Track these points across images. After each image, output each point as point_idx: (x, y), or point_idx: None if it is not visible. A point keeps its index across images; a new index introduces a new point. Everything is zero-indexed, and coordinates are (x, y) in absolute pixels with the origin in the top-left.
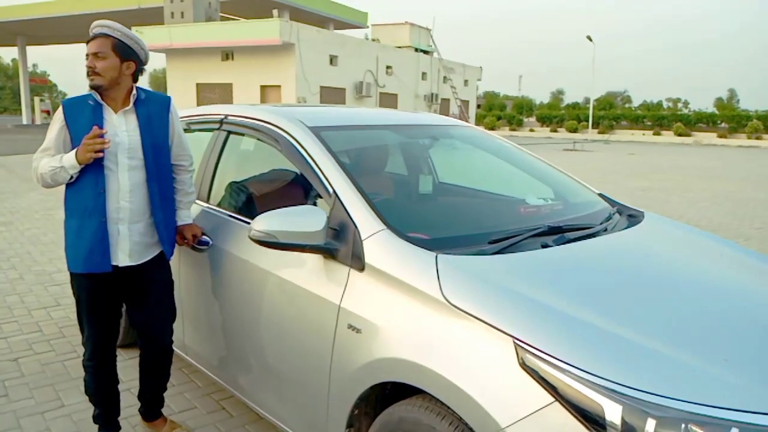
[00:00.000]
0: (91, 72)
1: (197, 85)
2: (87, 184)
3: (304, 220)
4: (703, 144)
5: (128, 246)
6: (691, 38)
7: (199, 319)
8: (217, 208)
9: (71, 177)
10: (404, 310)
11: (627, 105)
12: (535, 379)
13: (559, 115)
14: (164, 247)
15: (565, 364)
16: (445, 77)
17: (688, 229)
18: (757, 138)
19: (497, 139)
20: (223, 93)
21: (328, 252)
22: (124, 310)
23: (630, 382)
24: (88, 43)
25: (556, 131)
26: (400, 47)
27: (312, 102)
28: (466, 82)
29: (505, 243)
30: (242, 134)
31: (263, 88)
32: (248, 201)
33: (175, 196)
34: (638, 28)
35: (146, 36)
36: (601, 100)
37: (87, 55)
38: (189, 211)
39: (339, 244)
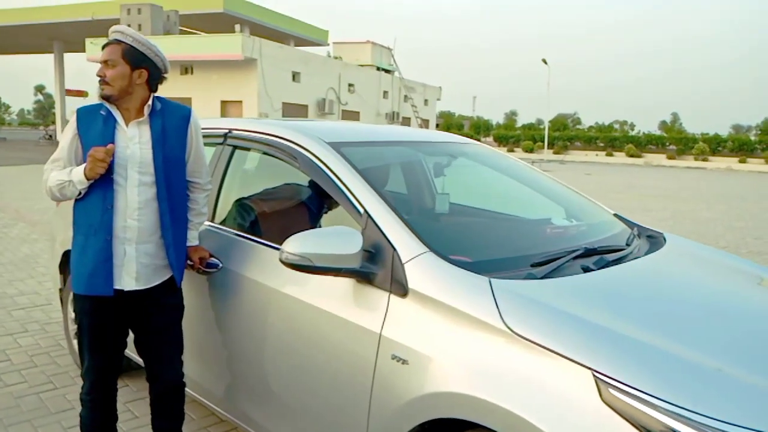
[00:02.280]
0: (101, 81)
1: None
2: (95, 199)
3: (340, 241)
4: (654, 165)
5: (135, 268)
6: (637, 67)
7: (204, 348)
8: (225, 228)
9: (79, 192)
10: (458, 339)
11: (577, 126)
12: (621, 415)
13: (516, 136)
14: (174, 273)
15: (655, 398)
16: (406, 96)
17: (714, 250)
18: (704, 160)
19: (508, 158)
20: None
21: (364, 276)
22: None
23: (729, 418)
24: (102, 49)
25: (512, 151)
26: (362, 65)
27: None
28: (426, 101)
29: (551, 266)
30: (249, 149)
31: (224, 103)
32: (262, 219)
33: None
34: (587, 57)
35: (101, 47)
36: (555, 122)
37: (100, 62)
38: (197, 232)
39: (375, 268)
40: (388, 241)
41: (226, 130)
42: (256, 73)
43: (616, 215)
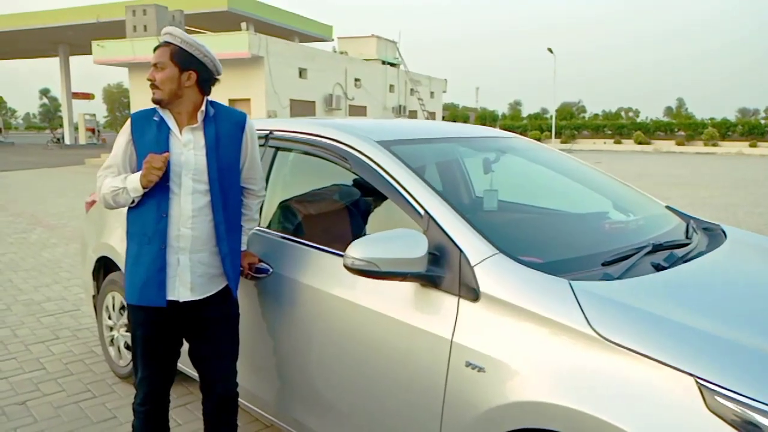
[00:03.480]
0: (151, 85)
1: None
2: (149, 207)
3: (405, 245)
4: (663, 151)
5: (189, 278)
6: (639, 54)
7: (254, 354)
8: (273, 232)
9: (133, 201)
10: (541, 346)
11: (581, 115)
12: (730, 424)
13: (522, 126)
14: (230, 283)
15: (764, 405)
16: (412, 89)
17: None
18: (714, 145)
19: (552, 151)
20: None
21: (430, 280)
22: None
23: None
24: (153, 52)
25: None
26: (367, 60)
27: (283, 116)
28: (432, 94)
29: (625, 265)
30: (291, 150)
31: (231, 101)
32: (310, 221)
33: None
34: (589, 46)
35: (108, 50)
36: (560, 110)
37: (151, 65)
38: (246, 238)
39: (441, 271)
40: (454, 243)
41: (267, 132)
42: (263, 70)
43: (668, 207)
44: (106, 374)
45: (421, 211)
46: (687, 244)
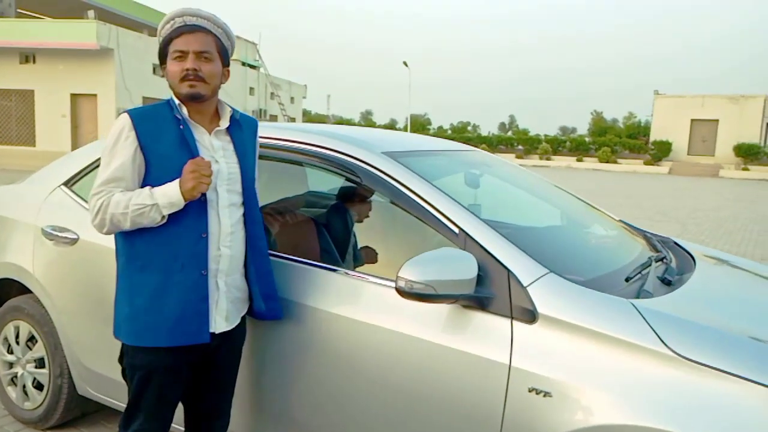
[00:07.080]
0: (194, 76)
1: None
2: (182, 227)
3: (458, 266)
4: None
5: (225, 305)
6: (476, 69)
7: (253, 388)
8: None
9: (163, 218)
10: (611, 366)
11: (428, 127)
12: None
13: None
14: (275, 304)
15: None
16: (272, 93)
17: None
18: (548, 159)
19: (512, 165)
20: (21, 101)
21: (478, 302)
22: None
23: None
24: (178, 36)
25: None
26: None
27: None
28: (292, 99)
29: (650, 282)
30: (268, 158)
31: (74, 96)
32: (300, 236)
33: None
34: (439, 64)
35: None
36: (412, 122)
37: (182, 52)
38: None
39: (488, 292)
40: (500, 262)
41: None
42: (112, 64)
43: (621, 221)
44: (4, 419)
45: (455, 229)
46: (664, 258)
